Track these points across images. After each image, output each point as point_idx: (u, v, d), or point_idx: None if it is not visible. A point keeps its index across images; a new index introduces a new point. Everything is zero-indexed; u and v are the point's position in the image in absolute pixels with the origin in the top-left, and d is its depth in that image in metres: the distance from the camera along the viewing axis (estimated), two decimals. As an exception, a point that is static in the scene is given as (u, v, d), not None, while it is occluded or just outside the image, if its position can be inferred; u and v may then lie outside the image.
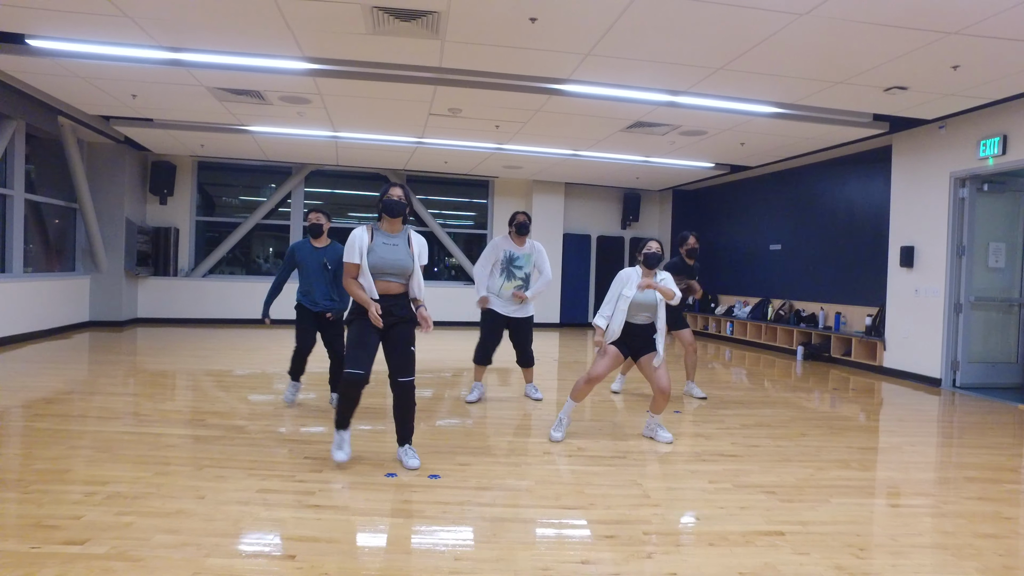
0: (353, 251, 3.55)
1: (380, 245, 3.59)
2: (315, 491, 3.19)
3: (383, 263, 3.55)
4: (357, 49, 5.55)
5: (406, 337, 3.63)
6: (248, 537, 2.63)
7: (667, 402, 4.32)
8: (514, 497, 3.23)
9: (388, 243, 3.62)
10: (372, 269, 3.54)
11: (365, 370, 3.50)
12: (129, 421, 4.40)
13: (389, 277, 3.58)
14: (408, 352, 3.62)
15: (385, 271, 3.56)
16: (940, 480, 3.71)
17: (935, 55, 4.97)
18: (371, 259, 3.54)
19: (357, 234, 3.59)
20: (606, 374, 4.32)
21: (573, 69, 5.82)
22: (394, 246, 3.61)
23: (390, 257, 3.57)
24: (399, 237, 3.66)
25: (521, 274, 5.35)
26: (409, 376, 3.61)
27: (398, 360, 3.60)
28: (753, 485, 3.51)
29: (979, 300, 7.00)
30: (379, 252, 3.56)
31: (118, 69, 6.20)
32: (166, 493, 3.05)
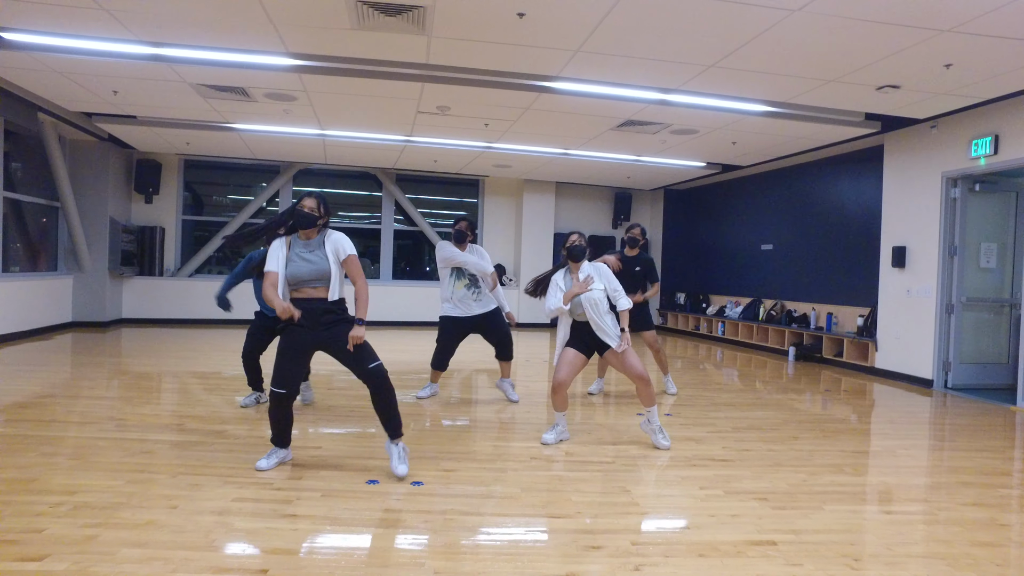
0: (271, 260, 3.46)
1: (296, 256, 3.48)
2: (292, 499, 3.09)
3: (301, 272, 3.44)
4: (342, 45, 5.43)
5: (347, 335, 3.45)
6: (219, 551, 2.52)
7: (649, 387, 4.17)
8: (499, 505, 3.14)
9: (305, 251, 3.49)
10: (292, 279, 3.44)
11: (290, 388, 3.43)
12: (106, 426, 4.28)
13: (310, 284, 3.46)
14: (362, 343, 3.46)
15: (306, 279, 3.45)
16: (934, 485, 3.64)
17: (928, 53, 4.91)
18: (290, 269, 3.44)
19: (274, 244, 3.52)
20: (570, 378, 4.18)
21: (562, 66, 5.73)
22: (311, 253, 3.49)
23: (304, 268, 3.45)
24: (315, 243, 3.54)
25: (468, 273, 5.41)
26: (373, 361, 3.47)
27: (355, 354, 3.46)
28: (745, 491, 3.43)
29: (971, 300, 6.96)
30: (296, 263, 3.45)
31: (97, 64, 6.06)
32: (137, 503, 2.94)
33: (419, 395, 5.60)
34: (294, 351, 3.47)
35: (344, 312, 3.54)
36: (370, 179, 12.22)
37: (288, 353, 3.47)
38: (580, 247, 4.24)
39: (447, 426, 4.72)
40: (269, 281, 3.43)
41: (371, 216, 12.46)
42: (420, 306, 11.90)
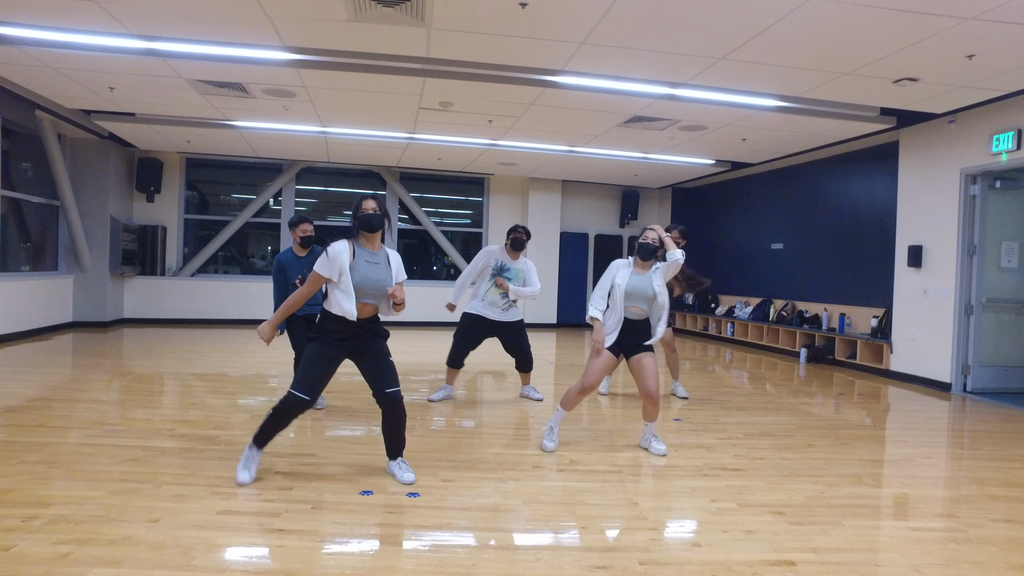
0: (330, 266, 3.21)
1: (363, 264, 3.28)
2: (280, 512, 2.92)
3: (367, 283, 3.26)
4: (340, 38, 5.27)
5: (380, 350, 3.36)
6: (197, 571, 2.36)
7: (657, 408, 4.04)
8: (499, 519, 2.97)
9: (371, 261, 3.31)
10: (358, 289, 3.24)
11: (312, 396, 3.24)
12: (94, 431, 4.13)
13: (368, 299, 3.30)
14: (388, 362, 3.36)
15: (367, 291, 3.27)
16: (961, 498, 3.44)
17: (950, 43, 4.69)
18: (354, 278, 3.23)
19: (339, 248, 3.24)
20: (600, 381, 4.06)
21: (567, 59, 5.55)
22: (376, 264, 3.32)
23: (373, 276, 3.28)
24: (380, 255, 3.38)
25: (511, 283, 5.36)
26: (395, 386, 3.34)
27: (380, 372, 3.32)
28: (759, 504, 3.25)
29: (991, 301, 6.73)
30: (362, 271, 3.26)
31: (91, 60, 5.92)
32: (116, 516, 2.78)
33: (431, 398, 5.48)
34: (326, 360, 3.28)
35: (380, 327, 3.42)
36: (373, 177, 12.07)
37: (321, 361, 3.26)
38: (652, 247, 3.99)
39: (448, 431, 4.55)
40: (310, 287, 3.23)
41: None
42: (425, 306, 11.71)
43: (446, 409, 5.26)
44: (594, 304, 4.01)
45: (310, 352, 3.28)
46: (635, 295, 3.95)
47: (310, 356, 3.27)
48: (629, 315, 3.99)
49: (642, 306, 3.99)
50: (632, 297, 3.95)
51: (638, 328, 4.02)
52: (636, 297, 3.95)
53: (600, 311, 3.98)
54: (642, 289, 3.94)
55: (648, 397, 4.00)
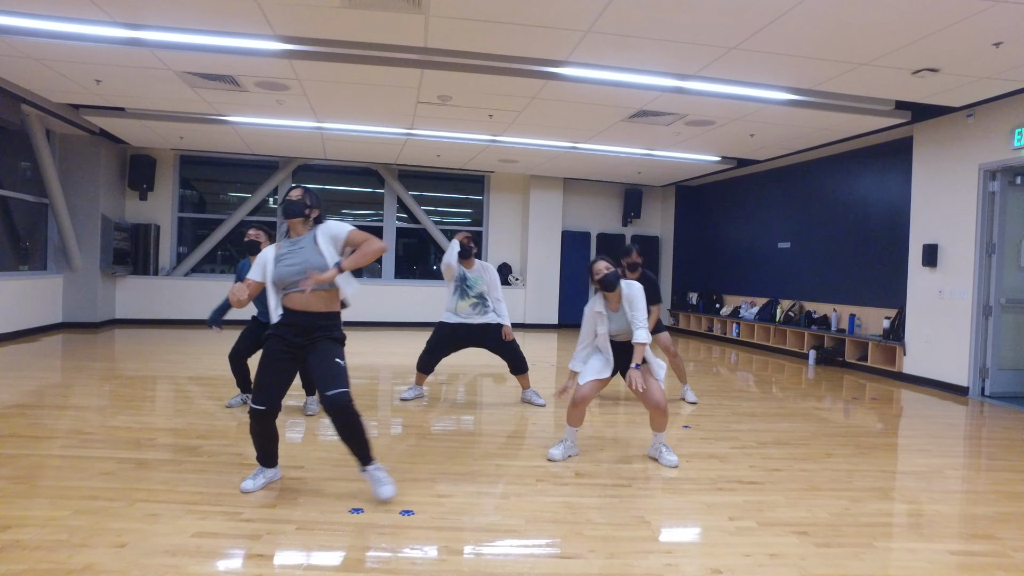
0: (257, 269, 3.14)
1: (282, 256, 3.12)
2: (262, 534, 2.68)
3: (286, 272, 3.07)
4: (333, 27, 5.03)
5: (327, 350, 3.08)
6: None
7: (665, 418, 3.82)
8: (499, 541, 2.72)
9: (291, 249, 3.13)
10: (277, 282, 3.09)
11: (269, 404, 3.05)
12: (66, 441, 3.89)
13: (293, 288, 3.08)
14: (332, 363, 3.06)
15: (288, 279, 3.07)
16: (1000, 517, 3.19)
17: (977, 28, 4.44)
18: (276, 272, 3.08)
19: (266, 253, 3.18)
20: (593, 394, 3.85)
21: (571, 50, 5.30)
22: (298, 249, 3.12)
23: (292, 262, 3.08)
24: (303, 239, 3.16)
25: (474, 293, 5.30)
26: (337, 388, 3.01)
27: (322, 374, 3.04)
28: (781, 523, 3.00)
29: (1010, 302, 6.48)
30: (282, 262, 3.10)
31: (75, 50, 5.67)
32: (80, 540, 2.54)
33: (403, 396, 5.48)
34: (274, 363, 3.09)
35: (335, 329, 3.16)
36: (371, 175, 11.83)
37: (269, 365, 3.09)
38: (612, 274, 3.80)
39: (444, 440, 4.30)
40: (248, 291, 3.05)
41: (373, 214, 12.06)
42: (424, 306, 11.49)
43: (442, 415, 5.02)
44: (576, 358, 3.96)
45: (261, 358, 3.13)
46: (618, 335, 3.90)
47: (260, 362, 3.12)
48: (616, 339, 3.92)
49: (626, 332, 3.88)
50: (616, 336, 3.91)
51: (627, 348, 3.88)
52: (620, 333, 3.90)
53: (582, 361, 3.94)
54: (622, 328, 3.87)
55: (656, 408, 3.78)
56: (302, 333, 3.08)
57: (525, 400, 5.57)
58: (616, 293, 3.83)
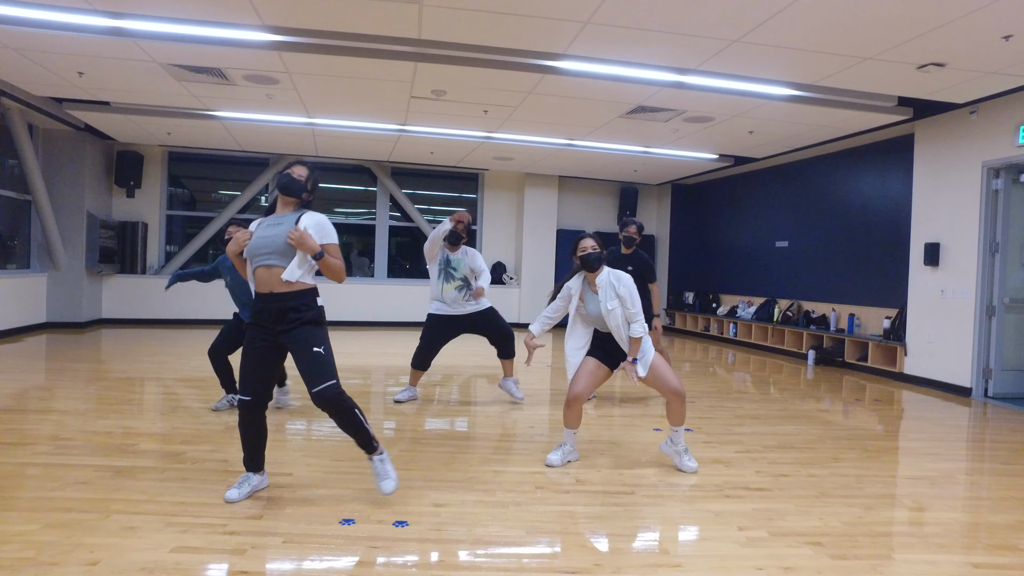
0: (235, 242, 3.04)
1: (263, 228, 2.98)
2: (246, 549, 2.52)
3: (260, 243, 2.92)
4: (324, 17, 4.86)
5: (303, 340, 2.90)
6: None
7: (683, 404, 3.64)
8: (498, 555, 2.57)
9: (272, 224, 2.99)
10: (249, 254, 2.95)
11: (254, 394, 2.92)
12: (43, 448, 3.70)
13: (264, 259, 2.91)
14: (312, 354, 2.89)
15: (261, 251, 2.91)
16: (1020, 526, 3.06)
17: (987, 21, 4.32)
18: (252, 244, 2.95)
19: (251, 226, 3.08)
20: (588, 392, 3.68)
21: (570, 42, 5.15)
22: (277, 225, 2.96)
23: (268, 235, 2.93)
24: (286, 217, 3.00)
25: (459, 275, 5.20)
26: (322, 383, 2.86)
27: (304, 369, 2.91)
28: (793, 533, 2.86)
29: (1014, 302, 6.38)
30: (259, 234, 2.95)
31: (55, 40, 5.47)
32: (48, 558, 2.36)
33: (397, 398, 5.33)
34: (255, 351, 2.95)
35: (310, 310, 2.95)
36: (364, 173, 11.64)
37: (250, 354, 2.96)
38: (596, 255, 3.63)
39: (439, 444, 4.14)
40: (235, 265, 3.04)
41: (366, 212, 11.88)
42: (416, 305, 11.30)
43: (436, 418, 4.86)
44: (538, 321, 3.83)
45: (243, 348, 3.00)
46: (594, 317, 3.69)
47: (243, 352, 3.00)
48: (600, 328, 3.72)
49: (600, 326, 3.70)
50: (595, 320, 3.70)
51: (611, 339, 3.70)
52: (595, 319, 3.69)
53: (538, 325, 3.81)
54: (595, 312, 3.66)
55: (673, 394, 3.61)
56: (275, 319, 2.91)
57: (503, 387, 5.48)
58: (595, 275, 3.64)
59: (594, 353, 3.71)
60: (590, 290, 3.68)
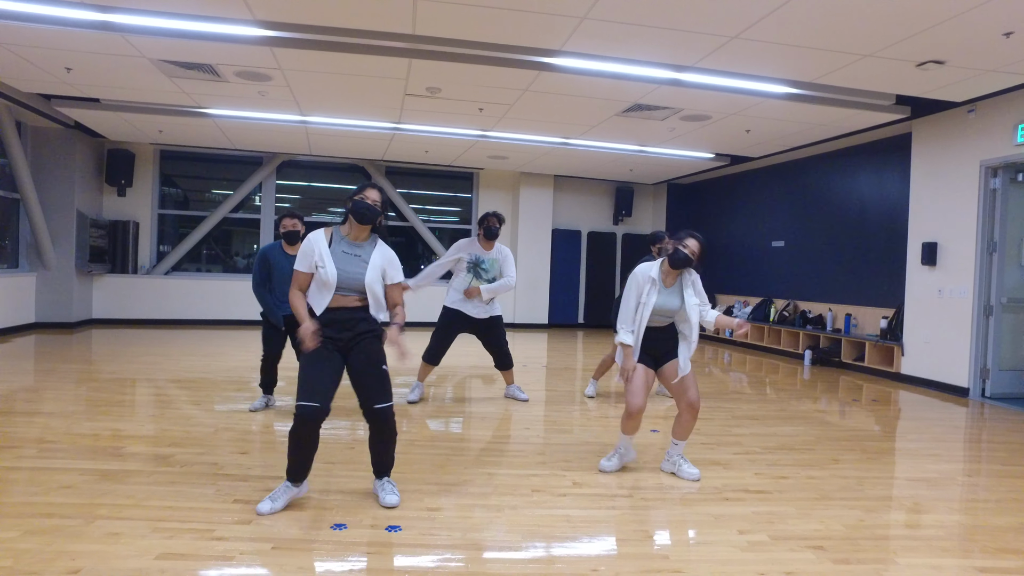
0: (306, 258, 2.92)
1: (339, 254, 2.92)
2: (234, 555, 2.44)
3: (345, 277, 2.90)
4: (316, 11, 4.78)
5: (372, 355, 2.95)
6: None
7: (695, 422, 3.59)
8: (493, 560, 2.50)
9: (348, 252, 2.94)
10: (332, 282, 2.89)
11: (322, 402, 2.81)
12: (27, 451, 3.61)
13: (347, 293, 2.93)
14: (379, 372, 2.94)
15: (340, 286, 2.90)
16: (1022, 528, 3.02)
17: (989, 17, 4.28)
18: (328, 273, 2.89)
19: (314, 239, 2.93)
20: (646, 400, 3.53)
21: (566, 38, 5.09)
22: (355, 257, 2.94)
23: (348, 269, 2.90)
24: (364, 248, 2.98)
25: (488, 277, 5.17)
26: (386, 402, 2.93)
27: (368, 383, 2.93)
28: (794, 536, 2.81)
29: (1011, 301, 6.35)
30: (339, 261, 2.90)
31: (42, 34, 5.37)
32: (26, 566, 2.28)
33: (409, 399, 5.26)
34: (319, 360, 2.88)
35: (374, 322, 2.99)
36: (358, 172, 11.55)
37: (314, 363, 2.87)
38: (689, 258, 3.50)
39: (434, 446, 4.07)
40: (298, 284, 2.92)
41: (359, 211, 11.77)
42: (411, 305, 11.17)
43: (432, 419, 4.79)
44: (624, 327, 3.51)
45: (306, 356, 2.90)
46: (661, 312, 3.53)
47: (304, 360, 2.91)
48: (652, 324, 3.55)
49: (665, 318, 3.58)
50: (661, 313, 3.54)
51: (665, 335, 3.59)
52: (662, 313, 3.54)
53: (631, 333, 3.50)
54: (669, 307, 3.53)
55: (690, 408, 3.53)
56: (344, 327, 2.92)
57: (509, 395, 5.51)
58: (676, 272, 3.57)
59: (642, 360, 3.55)
60: (663, 283, 3.56)
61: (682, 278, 3.59)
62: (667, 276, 3.56)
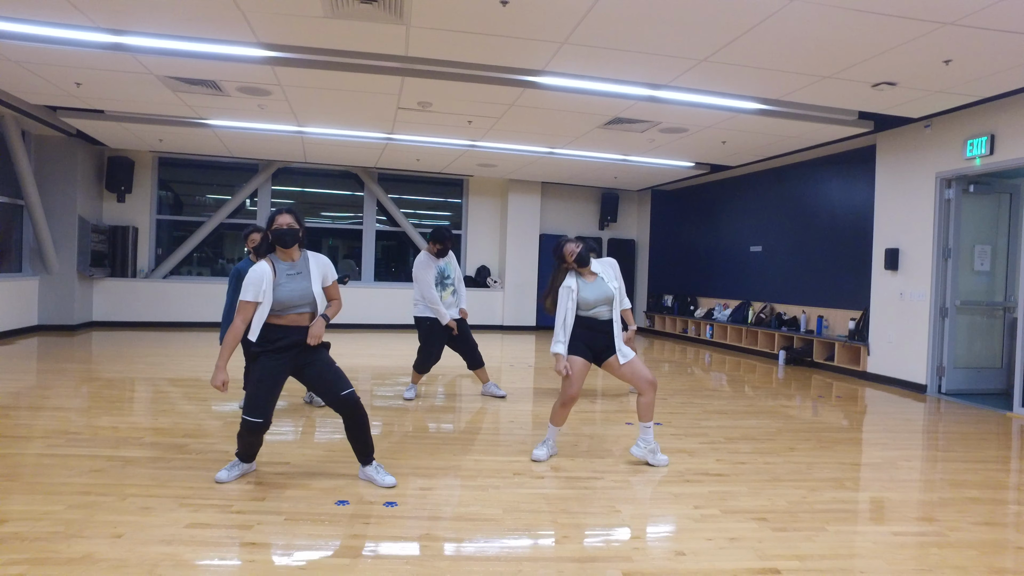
0: (252, 288, 3.19)
1: (284, 278, 3.28)
2: (252, 525, 2.81)
3: (292, 295, 3.27)
4: (316, 35, 5.15)
5: (325, 359, 3.39)
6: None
7: (654, 395, 3.91)
8: (479, 529, 2.88)
9: (291, 273, 3.31)
10: (278, 305, 3.24)
11: (265, 417, 3.26)
12: (55, 441, 3.96)
13: (297, 309, 3.30)
14: (334, 368, 3.38)
15: (294, 303, 3.28)
16: (941, 502, 3.44)
17: (928, 47, 4.72)
18: (277, 294, 3.23)
19: (259, 269, 3.24)
20: (580, 391, 3.96)
21: (548, 59, 5.49)
22: (297, 275, 3.32)
23: (297, 287, 3.29)
24: (299, 264, 3.36)
25: (451, 282, 5.61)
26: (349, 387, 3.35)
27: (330, 379, 3.34)
28: (742, 511, 3.21)
29: (964, 304, 6.81)
30: (285, 286, 3.26)
31: (56, 53, 5.71)
32: (76, 532, 2.64)
33: (406, 396, 5.63)
34: (270, 379, 3.27)
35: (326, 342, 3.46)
36: (351, 178, 11.91)
37: (265, 382, 3.26)
38: (585, 251, 3.92)
39: (426, 436, 4.45)
40: (242, 316, 3.20)
41: (353, 216, 12.15)
42: (402, 308, 11.58)
43: (424, 414, 5.16)
44: (557, 339, 3.87)
45: (256, 371, 3.26)
46: (598, 302, 3.88)
47: (256, 376, 3.27)
48: (595, 315, 3.89)
49: (605, 306, 3.91)
50: (595, 305, 3.88)
51: (604, 328, 3.91)
52: (599, 303, 3.89)
53: (563, 344, 3.85)
54: (605, 293, 3.89)
55: (649, 384, 3.87)
56: (294, 345, 3.28)
57: (486, 393, 5.86)
58: (588, 267, 3.93)
59: (578, 351, 3.87)
60: (585, 280, 3.92)
61: (599, 270, 3.97)
62: (585, 275, 3.94)
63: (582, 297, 3.86)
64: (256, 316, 3.22)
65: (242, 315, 3.20)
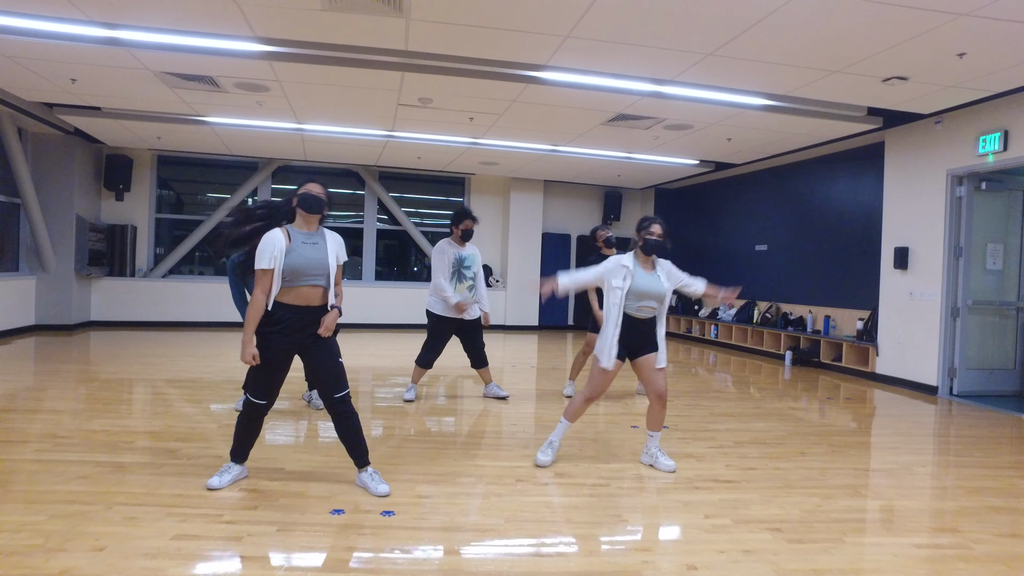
0: (267, 255, 3.08)
1: (299, 245, 3.15)
2: (242, 536, 2.69)
3: (308, 264, 3.13)
4: (314, 29, 5.03)
5: (329, 349, 3.24)
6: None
7: (664, 410, 3.83)
8: (479, 540, 2.76)
9: (308, 242, 3.19)
10: (291, 273, 3.10)
11: (269, 400, 3.20)
12: (43, 446, 3.84)
13: (311, 280, 3.15)
14: (336, 364, 3.25)
15: (309, 272, 3.14)
16: (962, 511, 3.30)
17: (942, 40, 4.58)
18: (290, 260, 3.10)
19: (271, 235, 3.12)
20: (606, 389, 3.83)
21: (551, 54, 5.36)
22: (314, 244, 3.20)
23: (314, 257, 3.15)
24: (317, 236, 3.25)
25: (470, 274, 5.40)
26: (344, 390, 3.24)
27: (326, 375, 3.23)
28: (755, 520, 3.08)
29: (976, 304, 6.67)
30: (301, 252, 3.13)
31: (50, 48, 5.60)
32: (56, 545, 2.52)
33: (406, 397, 5.52)
34: (277, 358, 3.17)
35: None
36: (352, 176, 11.79)
37: (272, 362, 3.16)
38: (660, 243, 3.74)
39: (425, 441, 4.32)
40: (262, 287, 3.07)
41: (354, 215, 12.03)
42: (404, 308, 11.49)
43: (423, 416, 5.04)
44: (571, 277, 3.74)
45: (264, 352, 3.14)
46: (647, 295, 3.70)
47: (264, 357, 3.14)
48: (637, 314, 3.72)
49: (652, 304, 3.74)
50: (643, 297, 3.70)
51: (646, 328, 3.76)
52: (648, 296, 3.70)
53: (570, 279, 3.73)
54: (655, 289, 3.71)
55: (659, 399, 3.77)
56: (304, 327, 3.17)
57: (488, 395, 5.74)
58: (651, 259, 3.78)
59: (618, 352, 3.70)
60: (642, 268, 3.76)
61: (657, 265, 3.81)
62: (644, 263, 3.79)
63: (636, 283, 3.67)
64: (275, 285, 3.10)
65: (261, 285, 3.08)
